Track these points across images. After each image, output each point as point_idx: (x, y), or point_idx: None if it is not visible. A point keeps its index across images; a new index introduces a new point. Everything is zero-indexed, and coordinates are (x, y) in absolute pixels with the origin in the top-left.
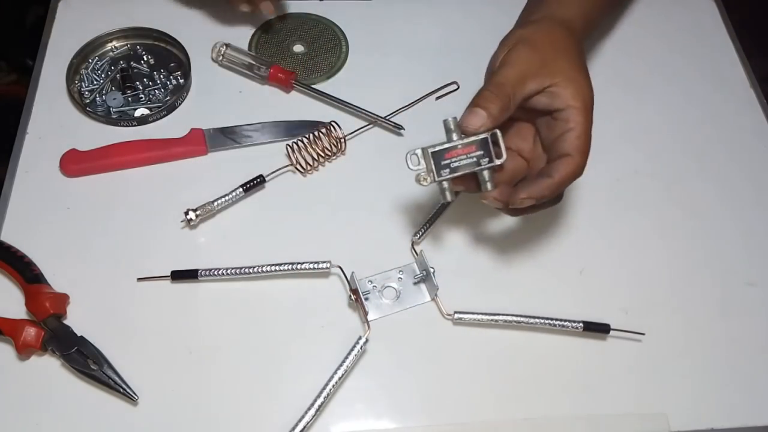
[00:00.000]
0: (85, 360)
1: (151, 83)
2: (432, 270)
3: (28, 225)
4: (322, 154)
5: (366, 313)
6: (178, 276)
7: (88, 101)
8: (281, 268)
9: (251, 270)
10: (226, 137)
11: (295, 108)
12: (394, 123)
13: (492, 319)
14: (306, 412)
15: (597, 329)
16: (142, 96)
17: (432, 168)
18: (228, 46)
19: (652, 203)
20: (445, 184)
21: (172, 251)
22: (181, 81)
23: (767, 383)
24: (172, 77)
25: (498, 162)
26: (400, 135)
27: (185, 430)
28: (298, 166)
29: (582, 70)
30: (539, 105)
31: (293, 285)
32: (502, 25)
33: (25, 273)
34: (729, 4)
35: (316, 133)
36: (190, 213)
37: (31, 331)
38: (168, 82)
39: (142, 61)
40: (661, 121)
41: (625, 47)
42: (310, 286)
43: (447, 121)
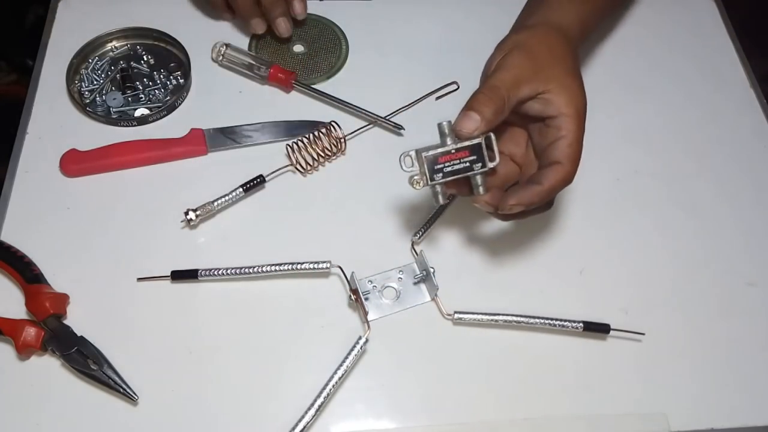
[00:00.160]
0: (85, 360)
1: (151, 83)
2: (432, 270)
3: (28, 225)
4: (322, 154)
5: (366, 313)
6: (178, 276)
7: (88, 101)
8: (281, 268)
9: (251, 270)
10: (226, 137)
11: (295, 108)
12: (394, 123)
13: (492, 319)
14: (306, 412)
15: (597, 329)
16: (142, 96)
17: (425, 171)
18: (228, 46)
19: (652, 203)
20: (438, 188)
21: (172, 251)
22: (181, 81)
23: (767, 383)
24: (172, 77)
25: (491, 165)
26: (400, 135)
27: (185, 430)
28: (298, 166)
29: (576, 77)
30: (532, 111)
31: (293, 285)
32: (502, 25)
33: (25, 273)
34: (729, 4)
35: (316, 133)
36: (190, 213)
37: (31, 331)
38: (168, 82)
39: (142, 61)
40: (661, 121)
41: (625, 47)
42: (310, 286)
43: (441, 124)
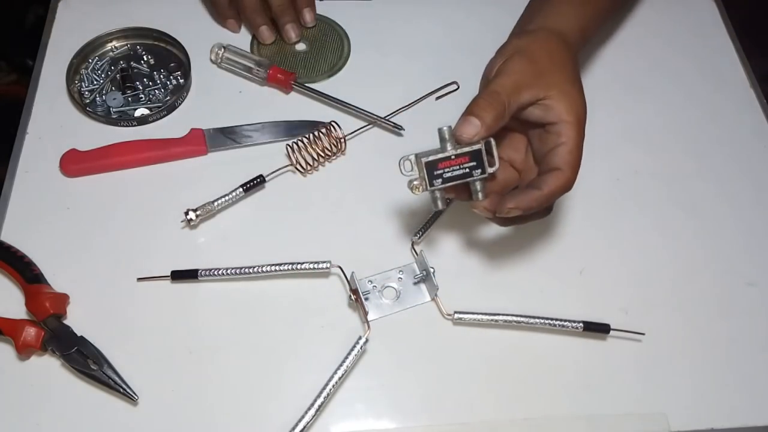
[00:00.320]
0: (85, 360)
1: (151, 83)
2: (432, 270)
3: (28, 225)
4: (322, 154)
5: (366, 313)
6: (178, 276)
7: (88, 101)
8: (281, 268)
9: (251, 270)
10: (226, 137)
11: (295, 108)
12: (394, 123)
13: (492, 319)
14: (306, 412)
15: (597, 329)
16: (142, 96)
17: (424, 177)
18: (226, 48)
19: (652, 203)
20: (437, 193)
21: (172, 251)
22: (181, 81)
23: (767, 383)
24: (172, 77)
25: (491, 170)
26: (400, 135)
27: (185, 430)
28: (298, 166)
29: (576, 83)
30: (532, 117)
31: (293, 285)
32: (503, 25)
33: (25, 273)
34: (729, 4)
35: (316, 133)
36: (190, 213)
37: (31, 331)
38: (168, 82)
39: (142, 61)
40: (661, 121)
41: (625, 47)
42: (310, 286)
43: (442, 129)
